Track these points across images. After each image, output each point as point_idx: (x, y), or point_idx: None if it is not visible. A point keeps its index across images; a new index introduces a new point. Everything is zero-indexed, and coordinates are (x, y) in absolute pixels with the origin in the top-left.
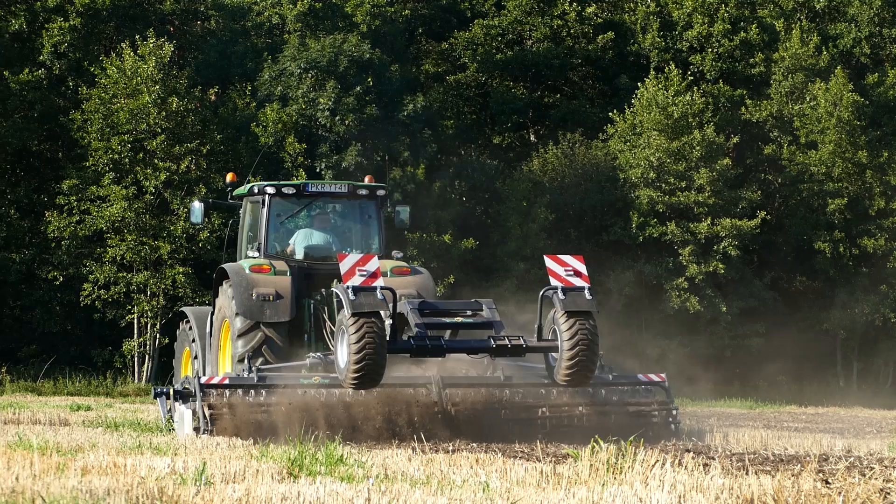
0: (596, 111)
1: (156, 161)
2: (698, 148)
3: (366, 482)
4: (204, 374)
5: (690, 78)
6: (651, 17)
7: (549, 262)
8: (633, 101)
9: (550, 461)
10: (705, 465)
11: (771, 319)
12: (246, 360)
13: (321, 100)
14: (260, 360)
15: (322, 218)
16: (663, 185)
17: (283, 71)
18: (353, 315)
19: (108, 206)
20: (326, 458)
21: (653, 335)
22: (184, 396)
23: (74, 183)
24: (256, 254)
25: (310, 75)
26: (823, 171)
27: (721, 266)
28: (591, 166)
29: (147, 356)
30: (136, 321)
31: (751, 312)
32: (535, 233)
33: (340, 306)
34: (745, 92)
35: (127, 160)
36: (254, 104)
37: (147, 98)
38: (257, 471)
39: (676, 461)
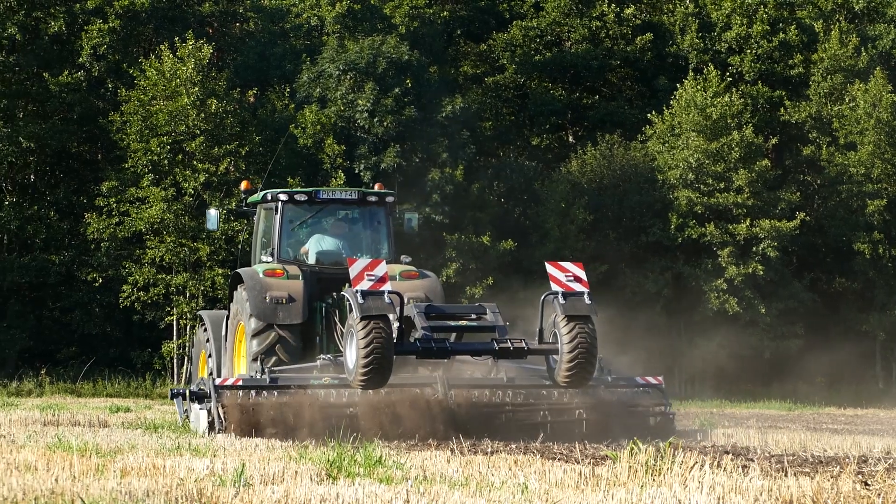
0: (634, 112)
1: (195, 163)
2: (737, 149)
3: (404, 484)
4: (219, 376)
5: (729, 79)
6: (690, 18)
7: (550, 269)
8: (671, 102)
9: (589, 463)
10: (744, 466)
11: (810, 321)
12: (259, 362)
13: (360, 101)
14: (273, 359)
15: (333, 224)
16: (702, 187)
17: (321, 73)
18: (362, 318)
19: (147, 208)
20: (365, 459)
21: (691, 337)
22: (199, 397)
23: (114, 185)
24: (270, 259)
25: (348, 77)
26: (863, 173)
27: (760, 267)
28: (630, 167)
29: (186, 358)
30: (175, 323)
31: (790, 314)
32: (573, 234)
33: (350, 309)
34: (783, 93)
35: (166, 162)
36: (292, 106)
37: (186, 100)
38: (296, 472)
39: (715, 463)
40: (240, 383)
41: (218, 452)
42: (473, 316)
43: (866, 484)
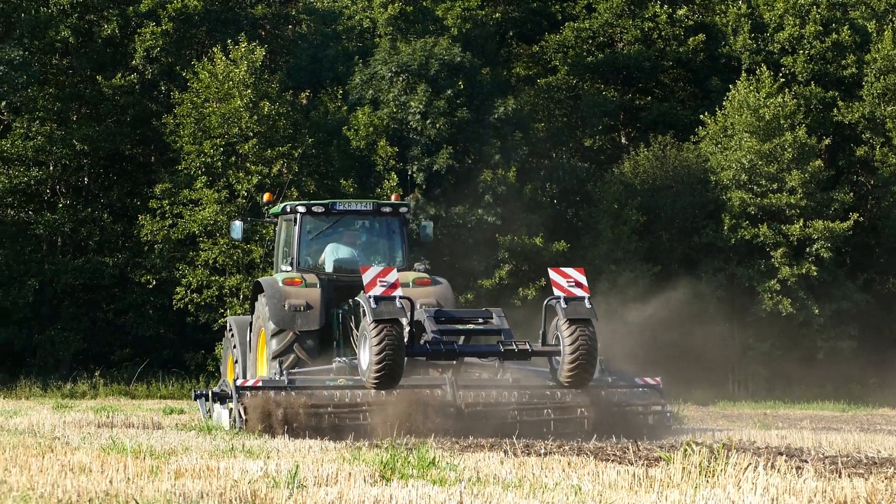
0: (687, 113)
1: (248, 165)
2: (790, 150)
3: (458, 485)
4: (244, 378)
5: (782, 80)
6: (742, 18)
7: (553, 275)
8: (724, 103)
9: (643, 464)
10: (798, 468)
11: (864, 322)
12: (277, 364)
13: (412, 103)
14: (291, 357)
15: (349, 234)
16: (755, 187)
17: (374, 74)
18: (375, 322)
19: (200, 210)
20: (418, 461)
21: (745, 338)
22: (221, 398)
23: (167, 187)
24: (289, 268)
25: (401, 79)
26: None
27: (814, 268)
28: (683, 168)
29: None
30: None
31: (843, 315)
32: (626, 235)
33: (364, 314)
34: (836, 94)
35: (219, 164)
36: (345, 108)
37: (239, 102)
38: (349, 473)
39: (769, 464)
40: (259, 384)
41: (272, 454)
42: (480, 320)
43: None
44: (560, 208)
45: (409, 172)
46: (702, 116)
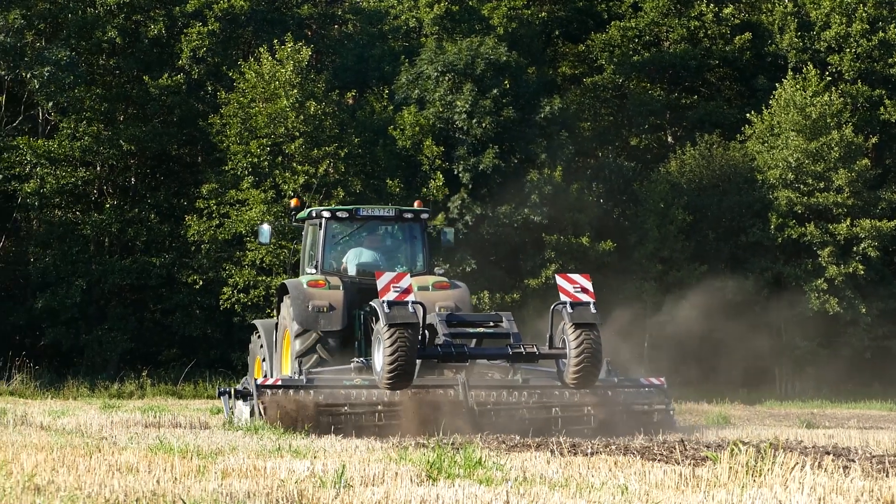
0: (733, 112)
1: (294, 164)
2: (837, 148)
3: (504, 485)
4: (271, 377)
5: (828, 78)
6: (788, 17)
7: (559, 280)
8: (770, 101)
9: (689, 464)
10: (845, 467)
11: None
12: (297, 364)
13: (458, 102)
14: (314, 357)
15: (372, 238)
16: (802, 186)
17: (420, 74)
18: (388, 326)
19: (247, 210)
20: (465, 460)
21: (791, 337)
22: (243, 395)
23: (214, 187)
24: (314, 271)
25: (447, 78)
26: None
27: (861, 267)
28: (729, 167)
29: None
30: None
31: (891, 314)
32: (672, 234)
33: (377, 318)
34: (883, 92)
35: (265, 164)
36: (391, 107)
37: (285, 102)
38: (396, 473)
39: (816, 463)
40: (279, 383)
41: (318, 454)
42: (491, 324)
43: None
44: (606, 207)
45: (455, 172)
46: (748, 115)
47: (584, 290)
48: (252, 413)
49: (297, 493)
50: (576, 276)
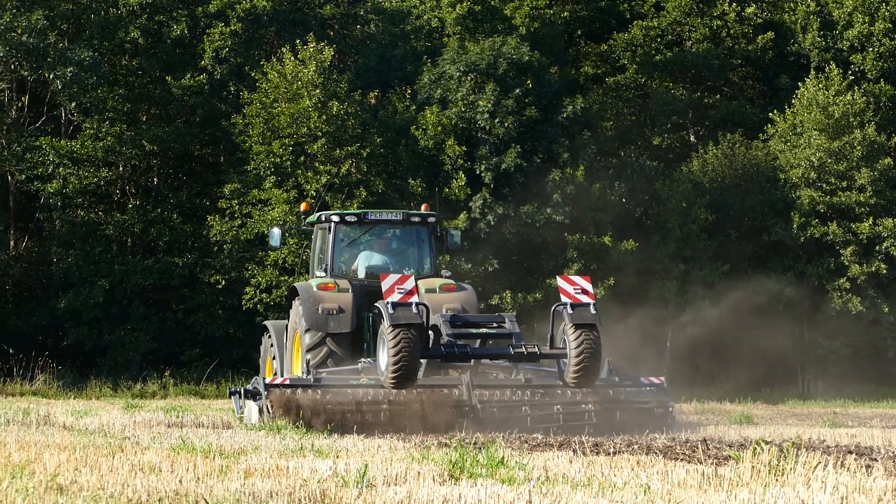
0: (756, 111)
1: (316, 164)
2: (859, 148)
3: (527, 484)
4: (280, 377)
5: (851, 77)
6: (811, 16)
7: (560, 282)
8: (793, 101)
9: (712, 463)
10: (868, 466)
11: None
12: (306, 364)
13: (480, 102)
14: (323, 352)
15: (380, 242)
16: (824, 186)
17: (442, 74)
18: (392, 327)
19: (269, 210)
20: (487, 460)
21: (814, 336)
22: (253, 395)
23: (236, 187)
24: (324, 273)
25: (469, 78)
26: None
27: (883, 266)
28: (752, 167)
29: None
30: None
31: None
32: (695, 234)
33: (382, 319)
34: None
35: (288, 164)
36: (413, 107)
37: (307, 102)
38: (418, 473)
39: (839, 463)
40: (287, 382)
41: (341, 453)
42: (494, 324)
43: None
44: (629, 207)
45: (478, 171)
46: (771, 114)
47: (584, 292)
48: (261, 412)
49: (320, 492)
50: (576, 278)
